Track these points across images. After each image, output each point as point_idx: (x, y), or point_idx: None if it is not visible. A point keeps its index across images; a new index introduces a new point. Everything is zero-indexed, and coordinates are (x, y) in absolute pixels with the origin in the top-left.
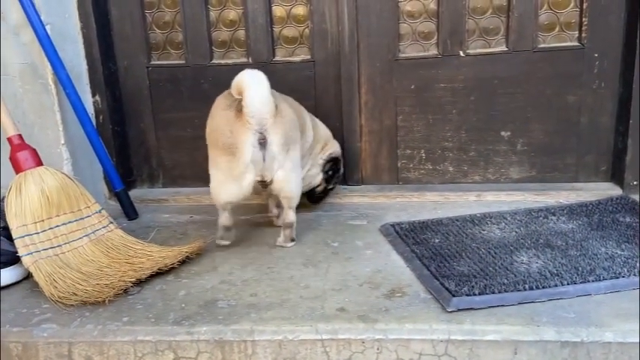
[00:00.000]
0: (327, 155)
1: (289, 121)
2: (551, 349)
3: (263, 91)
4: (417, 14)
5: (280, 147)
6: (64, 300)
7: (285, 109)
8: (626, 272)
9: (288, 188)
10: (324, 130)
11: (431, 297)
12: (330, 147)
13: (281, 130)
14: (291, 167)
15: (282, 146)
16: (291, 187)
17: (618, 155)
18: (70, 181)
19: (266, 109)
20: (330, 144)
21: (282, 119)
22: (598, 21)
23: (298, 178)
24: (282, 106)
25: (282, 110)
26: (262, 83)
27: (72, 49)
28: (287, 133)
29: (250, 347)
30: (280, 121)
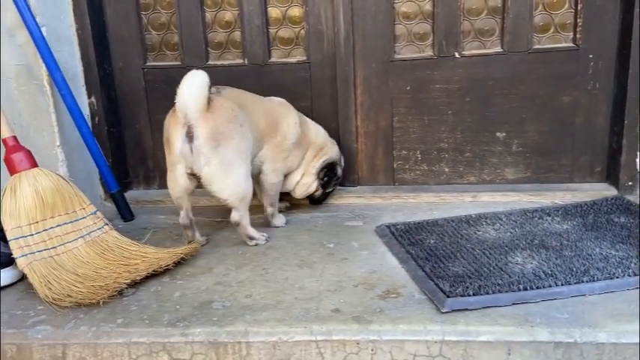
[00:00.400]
0: (321, 163)
1: (221, 117)
2: (544, 350)
3: (192, 87)
4: (412, 15)
5: (206, 141)
6: (59, 302)
7: (221, 106)
8: (620, 273)
9: (217, 186)
10: (319, 137)
11: (425, 298)
12: (325, 152)
13: (208, 125)
14: (220, 163)
15: (208, 141)
16: (221, 184)
17: (613, 156)
18: (65, 183)
19: (192, 103)
20: (327, 149)
21: (211, 114)
22: (593, 22)
23: (233, 176)
24: (218, 102)
25: (215, 106)
26: (194, 80)
27: (67, 50)
28: (216, 129)
29: (245, 349)
30: (209, 117)
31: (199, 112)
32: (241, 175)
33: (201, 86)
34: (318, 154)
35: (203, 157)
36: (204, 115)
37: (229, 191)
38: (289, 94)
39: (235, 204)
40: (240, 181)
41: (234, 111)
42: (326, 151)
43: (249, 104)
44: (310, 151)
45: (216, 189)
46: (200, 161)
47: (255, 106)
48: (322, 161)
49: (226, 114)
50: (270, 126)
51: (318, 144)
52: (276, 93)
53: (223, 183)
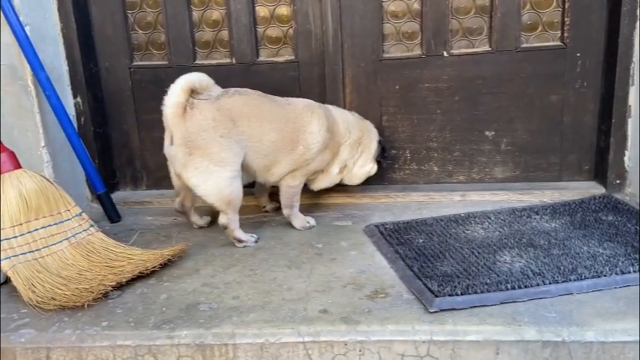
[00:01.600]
0: (375, 147)
1: (194, 126)
2: (532, 349)
3: (172, 90)
4: (400, 14)
5: (179, 148)
6: (43, 305)
7: (199, 114)
8: (608, 271)
9: (199, 190)
10: (352, 132)
11: (414, 297)
12: (368, 138)
13: (180, 131)
14: (196, 170)
15: (181, 147)
16: (202, 190)
17: (601, 154)
18: (50, 184)
19: (167, 110)
20: (366, 135)
21: (184, 122)
22: (580, 20)
23: (213, 182)
24: (198, 109)
25: (193, 114)
26: (174, 86)
27: (52, 50)
28: (188, 137)
29: (231, 351)
30: (182, 124)
31: (172, 118)
32: (223, 180)
33: (176, 93)
34: (360, 146)
35: (178, 162)
36: (177, 122)
37: (213, 197)
38: (277, 93)
39: (222, 208)
40: (221, 186)
41: (215, 121)
42: (368, 137)
43: (254, 116)
44: (347, 149)
45: (200, 193)
46: (177, 165)
47: (263, 117)
48: (375, 146)
49: (201, 123)
50: (287, 140)
51: (354, 139)
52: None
53: (204, 188)
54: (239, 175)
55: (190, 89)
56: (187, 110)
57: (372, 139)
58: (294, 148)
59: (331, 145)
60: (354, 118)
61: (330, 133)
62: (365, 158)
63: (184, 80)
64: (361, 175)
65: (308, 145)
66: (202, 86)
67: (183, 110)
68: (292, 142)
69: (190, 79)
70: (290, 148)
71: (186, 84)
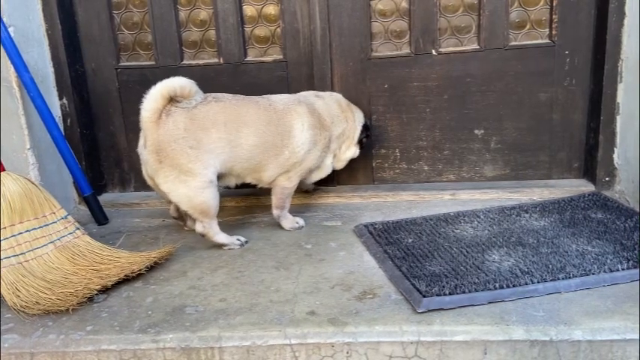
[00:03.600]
0: (359, 132)
1: (165, 135)
2: (520, 349)
3: (151, 94)
4: (388, 13)
5: (149, 154)
6: (27, 309)
7: (171, 122)
8: (596, 269)
9: (172, 196)
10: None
11: (402, 298)
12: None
13: (152, 137)
14: (166, 178)
15: (152, 154)
16: (174, 196)
17: (590, 152)
18: (34, 187)
19: (145, 112)
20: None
21: (157, 130)
22: (568, 18)
23: (184, 190)
24: (172, 118)
25: (166, 122)
26: (152, 90)
27: (37, 51)
28: (158, 145)
29: (217, 354)
30: (155, 131)
31: (147, 122)
32: (193, 190)
33: (154, 98)
34: (345, 136)
35: (150, 167)
36: (151, 127)
37: (185, 204)
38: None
39: (195, 215)
40: (191, 195)
41: (186, 131)
42: (352, 125)
43: (230, 122)
44: (335, 140)
45: (173, 199)
46: (149, 169)
47: (241, 122)
48: (359, 130)
49: (172, 133)
50: (269, 143)
51: (339, 131)
52: (252, 92)
53: (175, 196)
54: (211, 185)
55: (170, 96)
56: (162, 117)
57: (357, 127)
58: (280, 152)
59: (320, 140)
60: (338, 109)
61: (317, 129)
62: (348, 143)
63: (164, 86)
64: (344, 159)
65: (293, 149)
66: (184, 93)
67: (159, 116)
68: (276, 146)
69: (171, 85)
70: (275, 153)
71: (167, 90)
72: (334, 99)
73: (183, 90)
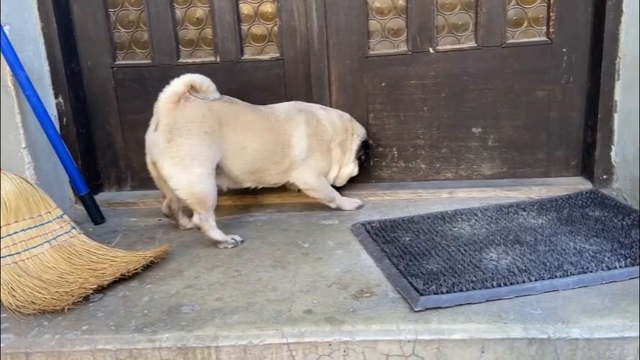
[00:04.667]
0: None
1: (183, 114)
2: (518, 347)
3: (174, 81)
4: (386, 11)
5: (161, 133)
6: (22, 309)
7: (190, 106)
8: (594, 267)
9: (173, 182)
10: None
11: (399, 296)
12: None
13: (168, 118)
14: (172, 159)
15: (164, 133)
16: (175, 182)
17: (588, 150)
18: (30, 186)
19: (164, 95)
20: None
21: (174, 110)
22: (565, 16)
23: (187, 175)
24: (191, 103)
25: (185, 105)
26: (180, 77)
27: (32, 49)
28: (174, 123)
29: (214, 353)
30: (172, 111)
31: (165, 104)
32: (195, 176)
33: (176, 84)
34: (345, 147)
35: (156, 148)
36: (169, 109)
37: (184, 191)
38: (263, 91)
39: (193, 206)
40: (193, 182)
41: (203, 117)
42: (351, 139)
43: (239, 125)
44: (338, 149)
45: (173, 185)
46: (154, 152)
47: (248, 127)
48: (357, 144)
49: (190, 115)
50: (270, 151)
51: (339, 140)
52: (249, 91)
53: (177, 181)
54: (212, 175)
55: (191, 85)
56: (182, 101)
57: (355, 140)
58: (281, 160)
59: (319, 147)
60: (339, 120)
61: (314, 137)
62: (349, 156)
63: (187, 76)
64: (344, 176)
65: (292, 158)
66: (203, 87)
67: (178, 100)
68: (276, 154)
69: (193, 76)
70: (276, 160)
71: (189, 79)
72: (337, 112)
73: (203, 84)
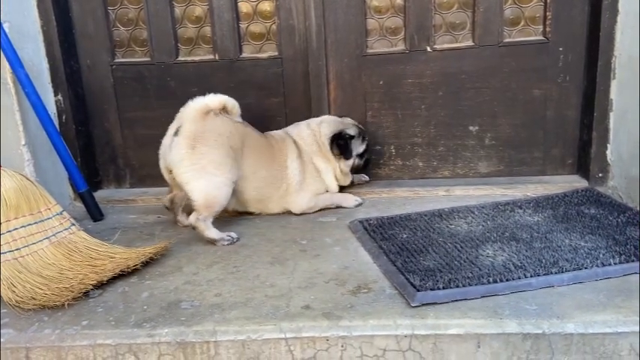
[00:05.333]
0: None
1: (211, 126)
2: (513, 342)
3: (210, 95)
4: (383, 9)
5: (184, 138)
6: (22, 304)
7: (218, 121)
8: (589, 263)
9: (189, 186)
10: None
11: (396, 292)
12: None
13: (194, 126)
14: (192, 165)
15: (187, 139)
16: (192, 186)
17: (584, 148)
18: (29, 183)
19: (195, 104)
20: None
21: (203, 121)
22: (562, 15)
23: (205, 181)
24: (220, 120)
25: (214, 119)
26: (218, 95)
27: (32, 47)
28: (202, 132)
29: (213, 348)
30: (200, 120)
31: (194, 112)
32: (213, 184)
33: (212, 99)
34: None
35: (176, 154)
36: (196, 118)
37: (198, 194)
38: (262, 90)
39: (200, 208)
40: (210, 189)
41: (231, 133)
42: (321, 142)
43: (255, 149)
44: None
45: (189, 188)
46: (171, 157)
47: (260, 152)
48: (327, 144)
49: (219, 129)
50: (272, 177)
51: (315, 151)
52: (248, 89)
53: (195, 185)
54: (230, 186)
55: (224, 105)
56: (211, 114)
57: (325, 141)
58: (280, 185)
59: (306, 167)
60: (308, 130)
61: (299, 159)
62: (329, 157)
63: (224, 96)
64: (342, 177)
65: (289, 182)
66: (234, 110)
67: (207, 113)
68: (276, 178)
69: (228, 98)
70: (277, 185)
71: (224, 99)
72: (306, 122)
73: (234, 107)
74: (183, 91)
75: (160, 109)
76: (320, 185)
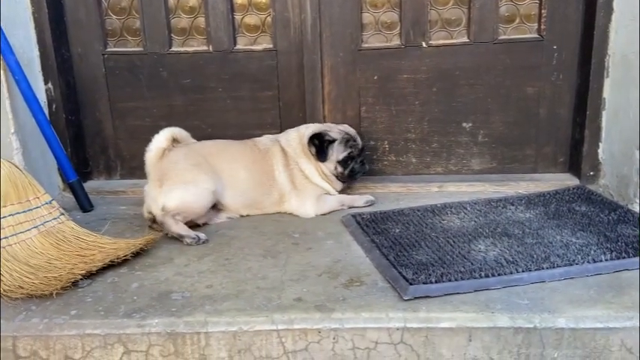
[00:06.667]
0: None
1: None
2: (504, 336)
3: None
4: (379, 4)
5: (152, 182)
6: (10, 293)
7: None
8: (580, 260)
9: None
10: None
11: (389, 286)
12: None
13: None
14: (168, 193)
15: (155, 182)
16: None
17: (576, 146)
18: (18, 171)
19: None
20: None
21: (160, 162)
22: (557, 13)
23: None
24: (172, 152)
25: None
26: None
27: (22, 34)
28: (161, 171)
29: (204, 339)
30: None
31: (151, 159)
32: (190, 193)
33: (159, 140)
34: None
35: (150, 198)
36: (154, 163)
37: (173, 201)
38: (255, 82)
39: (172, 210)
40: (185, 195)
41: (186, 156)
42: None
43: (222, 153)
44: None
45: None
46: (148, 201)
47: (231, 156)
48: (306, 138)
49: (173, 159)
50: (257, 181)
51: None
52: (242, 81)
53: (170, 198)
54: (209, 195)
55: (172, 138)
56: (165, 153)
57: (305, 142)
58: (270, 192)
59: (298, 173)
60: (297, 134)
61: (288, 166)
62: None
63: (167, 130)
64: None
65: (281, 191)
66: (182, 137)
67: (162, 154)
68: (263, 184)
69: (172, 129)
70: (265, 192)
71: (169, 133)
72: (297, 128)
73: (181, 134)
74: (176, 82)
75: (152, 100)
76: (315, 187)
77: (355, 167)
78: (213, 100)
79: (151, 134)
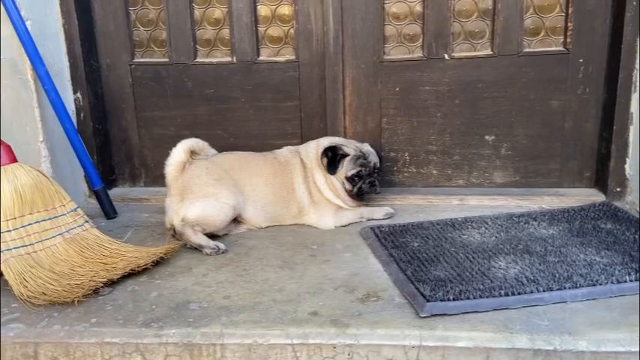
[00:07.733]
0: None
1: (190, 175)
2: (523, 357)
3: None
4: (402, 16)
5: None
6: (33, 299)
7: (193, 168)
8: (604, 280)
9: (187, 217)
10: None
11: (405, 302)
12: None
13: (176, 184)
14: (189, 207)
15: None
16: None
17: (602, 161)
18: (45, 179)
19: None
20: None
21: (182, 176)
22: (583, 26)
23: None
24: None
25: (188, 169)
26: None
27: (53, 45)
28: (183, 186)
29: (219, 351)
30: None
31: (171, 173)
32: (210, 205)
33: (177, 153)
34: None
35: (171, 211)
36: (175, 177)
37: (193, 213)
38: (278, 93)
39: (192, 223)
40: (205, 208)
41: (208, 170)
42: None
43: (244, 169)
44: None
45: (187, 217)
46: (169, 214)
47: (251, 171)
48: (316, 153)
49: (195, 172)
50: (277, 195)
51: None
52: (264, 92)
53: (190, 211)
54: (230, 210)
55: (190, 150)
56: (186, 166)
57: (318, 153)
58: (289, 205)
59: (315, 185)
60: (316, 145)
61: (306, 178)
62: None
63: (184, 142)
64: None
65: (300, 205)
66: (199, 148)
67: (182, 168)
68: (283, 198)
69: (189, 141)
70: (285, 205)
71: (187, 145)
72: (317, 140)
73: (198, 144)
74: (200, 93)
75: (177, 110)
76: (328, 202)
77: (363, 187)
78: (236, 110)
79: (175, 143)
